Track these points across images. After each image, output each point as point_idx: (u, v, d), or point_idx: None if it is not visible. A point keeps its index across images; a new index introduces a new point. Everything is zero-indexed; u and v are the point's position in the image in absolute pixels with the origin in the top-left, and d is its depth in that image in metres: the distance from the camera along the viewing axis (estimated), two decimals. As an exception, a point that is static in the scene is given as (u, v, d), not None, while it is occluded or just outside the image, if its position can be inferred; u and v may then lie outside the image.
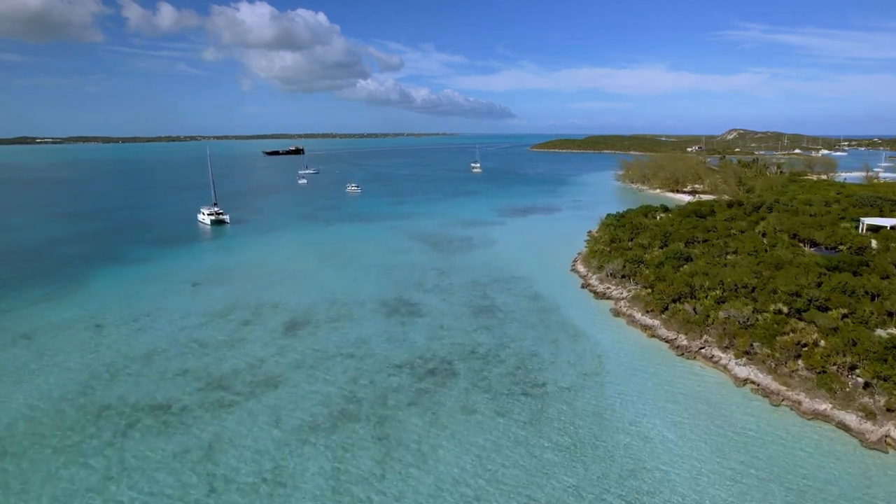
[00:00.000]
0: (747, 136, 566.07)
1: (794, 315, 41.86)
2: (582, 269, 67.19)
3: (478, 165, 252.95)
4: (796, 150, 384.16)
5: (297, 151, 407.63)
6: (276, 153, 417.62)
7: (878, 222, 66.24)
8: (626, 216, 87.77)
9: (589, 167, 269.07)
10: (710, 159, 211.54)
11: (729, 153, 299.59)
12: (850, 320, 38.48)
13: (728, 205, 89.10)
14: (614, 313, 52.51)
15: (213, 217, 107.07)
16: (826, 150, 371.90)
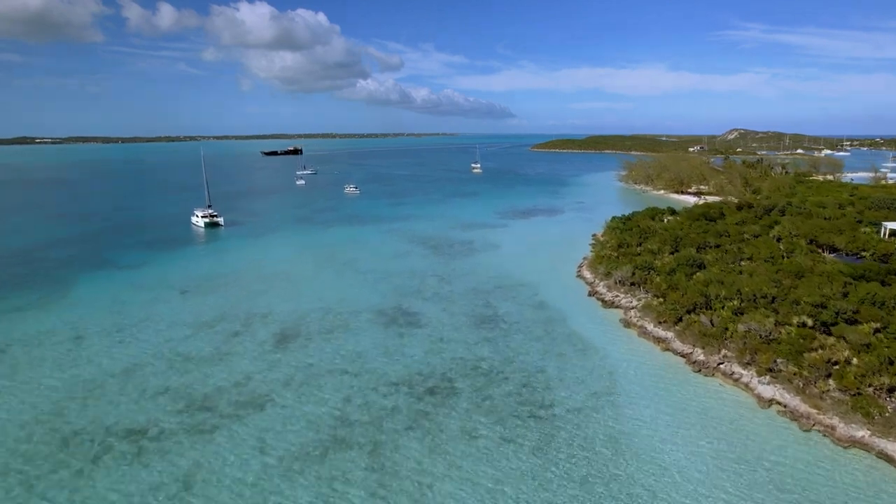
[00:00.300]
0: (748, 135, 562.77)
1: (819, 328, 39.08)
2: (588, 275, 64.40)
3: (478, 166, 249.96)
4: (798, 151, 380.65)
5: (296, 152, 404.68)
6: (274, 153, 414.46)
7: None
8: (632, 219, 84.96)
9: (590, 167, 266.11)
10: (713, 159, 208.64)
11: (731, 153, 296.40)
12: (882, 335, 35.67)
13: (737, 207, 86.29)
14: (624, 324, 49.71)
15: (207, 219, 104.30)
16: (829, 151, 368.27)
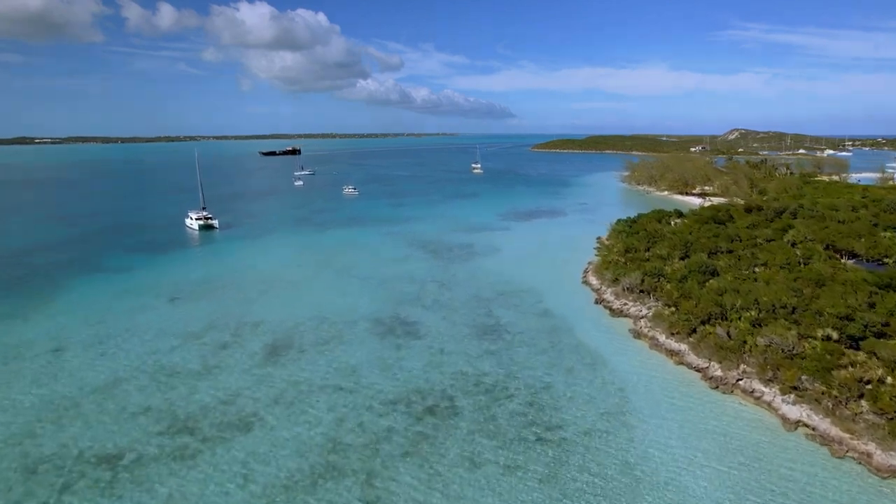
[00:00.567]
0: (749, 135, 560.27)
1: (845, 342, 36.57)
2: (594, 281, 61.87)
3: (478, 166, 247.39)
4: (800, 151, 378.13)
5: (294, 152, 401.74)
6: (272, 153, 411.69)
7: None
8: (638, 222, 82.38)
9: (592, 168, 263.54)
10: (716, 160, 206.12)
11: (733, 153, 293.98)
12: (916, 351, 33.10)
13: (746, 210, 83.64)
14: (634, 335, 47.19)
15: (202, 222, 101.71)
16: (831, 151, 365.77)
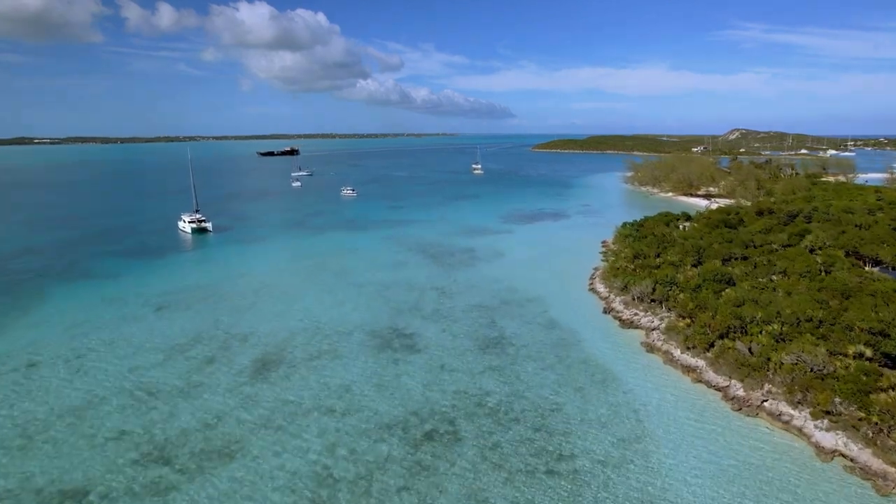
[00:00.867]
0: (749, 135, 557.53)
1: (880, 359, 33.74)
2: (602, 288, 58.99)
3: (479, 167, 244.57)
4: (802, 150, 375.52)
5: (292, 152, 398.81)
6: (270, 154, 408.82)
7: None
8: (644, 225, 79.56)
9: (593, 168, 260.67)
10: (720, 160, 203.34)
11: (735, 154, 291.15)
12: (961, 372, 30.30)
13: (757, 213, 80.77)
14: (647, 348, 44.31)
15: (195, 225, 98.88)
16: (833, 151, 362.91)
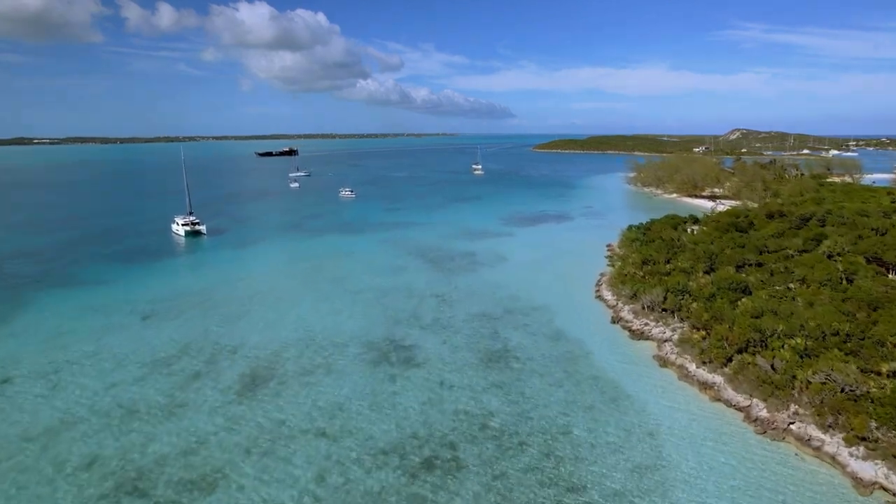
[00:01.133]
0: (750, 135, 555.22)
1: (916, 380, 31.15)
2: (609, 296, 56.42)
3: (479, 167, 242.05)
4: (805, 151, 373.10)
5: (291, 152, 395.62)
6: (269, 154, 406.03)
7: None
8: (651, 229, 76.99)
9: (595, 169, 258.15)
10: (724, 160, 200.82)
11: (737, 154, 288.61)
12: None
13: (768, 215, 78.14)
14: (660, 362, 41.74)
15: (188, 227, 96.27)
16: (835, 151, 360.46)
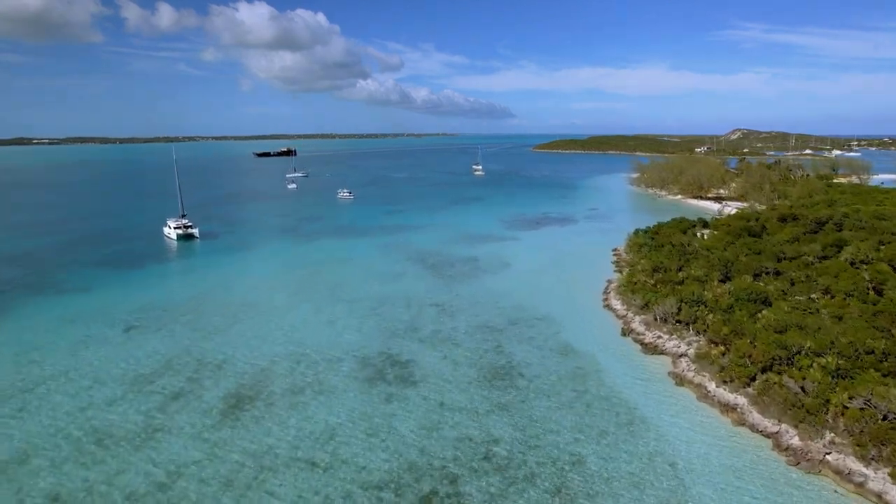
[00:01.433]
0: (751, 135, 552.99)
1: (965, 406, 28.23)
2: (618, 305, 53.49)
3: (479, 168, 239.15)
4: (807, 151, 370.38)
5: (289, 153, 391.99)
6: (266, 154, 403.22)
7: None
8: (660, 233, 74.17)
9: (596, 169, 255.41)
10: (728, 160, 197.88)
11: (740, 154, 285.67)
12: None
13: (780, 219, 75.20)
14: (676, 380, 38.79)
15: (181, 231, 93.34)
16: (838, 151, 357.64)
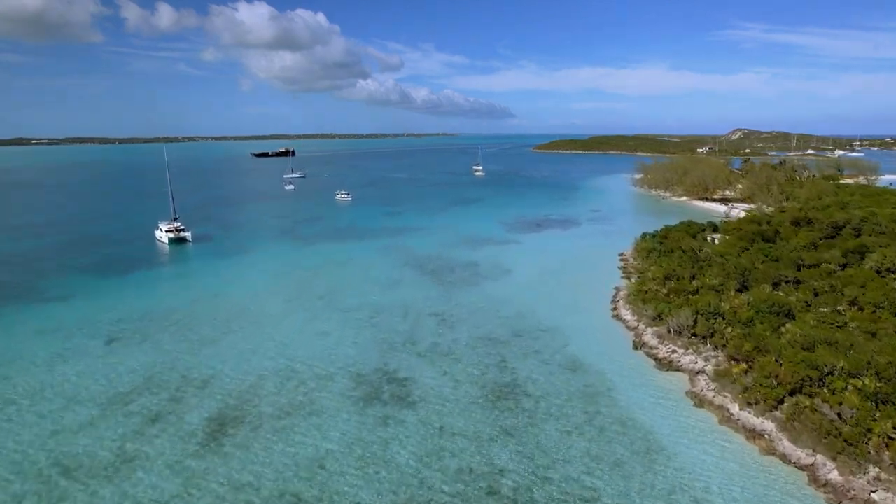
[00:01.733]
0: (752, 135, 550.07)
1: None
2: (628, 316, 50.63)
3: (480, 168, 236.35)
4: (809, 151, 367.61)
5: (287, 153, 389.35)
6: (264, 155, 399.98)
7: None
8: (668, 237, 71.40)
9: (598, 170, 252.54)
10: (732, 161, 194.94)
11: (741, 154, 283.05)
12: None
13: (793, 222, 72.43)
14: (695, 400, 35.92)
15: (173, 234, 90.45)
16: (840, 151, 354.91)
